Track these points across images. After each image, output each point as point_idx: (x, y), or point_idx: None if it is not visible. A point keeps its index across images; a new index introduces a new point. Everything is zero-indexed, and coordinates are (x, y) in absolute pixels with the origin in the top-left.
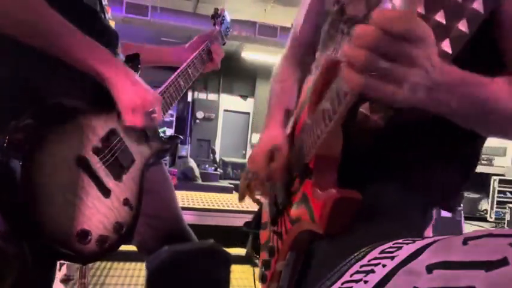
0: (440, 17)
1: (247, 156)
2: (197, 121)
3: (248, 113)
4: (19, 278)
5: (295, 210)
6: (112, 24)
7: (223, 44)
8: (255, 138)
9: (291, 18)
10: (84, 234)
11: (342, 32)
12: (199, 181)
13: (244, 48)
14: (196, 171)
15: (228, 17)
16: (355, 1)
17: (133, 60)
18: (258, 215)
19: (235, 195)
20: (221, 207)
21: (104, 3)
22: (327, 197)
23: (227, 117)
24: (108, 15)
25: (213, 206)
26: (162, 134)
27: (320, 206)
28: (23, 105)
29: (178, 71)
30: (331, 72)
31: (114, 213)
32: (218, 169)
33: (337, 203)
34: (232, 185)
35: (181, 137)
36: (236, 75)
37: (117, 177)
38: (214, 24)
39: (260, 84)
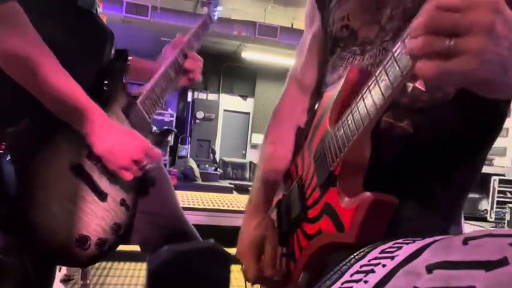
0: None
1: (247, 156)
2: (197, 121)
3: (248, 113)
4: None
5: (313, 224)
6: (103, 18)
7: (211, 23)
8: (255, 138)
9: (291, 18)
10: (84, 239)
11: (354, 53)
12: (199, 181)
13: (244, 48)
14: (196, 171)
15: None
16: (367, 25)
17: (121, 56)
18: None
19: (235, 195)
20: (221, 207)
21: None
22: (361, 200)
23: (227, 117)
24: (100, 9)
25: (213, 206)
26: (155, 128)
27: (351, 212)
28: (20, 109)
29: (169, 62)
30: (357, 80)
31: (111, 215)
32: (218, 169)
33: (372, 207)
34: (232, 185)
35: (175, 130)
36: (236, 75)
37: (113, 179)
38: (203, 6)
39: (260, 84)
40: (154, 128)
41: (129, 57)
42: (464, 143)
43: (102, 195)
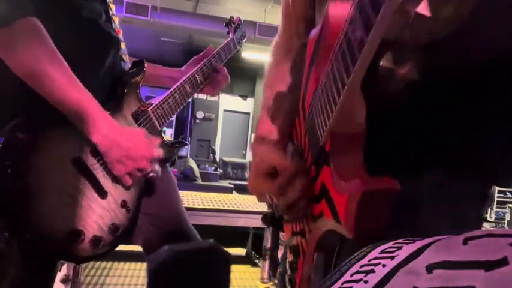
0: None
1: (247, 156)
2: (197, 121)
3: (248, 113)
4: (15, 280)
5: (316, 204)
6: (119, 32)
7: (237, 51)
8: None
9: None
10: (77, 234)
11: None
12: (199, 181)
13: (244, 48)
14: (196, 171)
15: (243, 25)
16: None
17: (138, 66)
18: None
19: (235, 195)
20: (221, 207)
21: (111, 13)
22: (351, 190)
23: (227, 117)
24: (116, 24)
25: (213, 206)
26: (165, 140)
27: (344, 203)
28: (22, 107)
29: (185, 77)
30: (338, 21)
31: (110, 215)
32: (218, 169)
33: (364, 199)
34: (232, 185)
35: (187, 143)
36: (236, 75)
37: (115, 179)
38: (228, 33)
39: (260, 84)
40: (165, 140)
41: (146, 66)
42: (497, 87)
43: (102, 193)
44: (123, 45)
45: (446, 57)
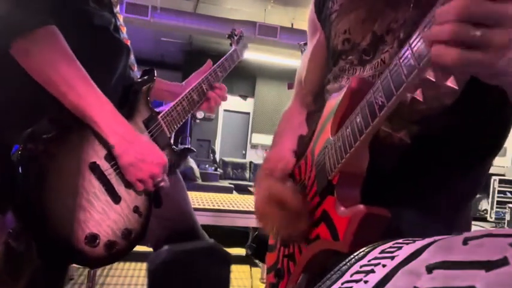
0: None
1: (247, 156)
2: (197, 121)
3: (248, 113)
4: (30, 280)
5: (312, 229)
6: (127, 42)
7: (239, 62)
8: (255, 138)
9: (291, 18)
10: (93, 237)
11: (351, 63)
12: (199, 181)
13: None
14: (196, 171)
15: (245, 36)
16: (366, 36)
17: (149, 74)
18: (259, 236)
19: (235, 195)
20: (221, 207)
21: (118, 23)
22: (354, 213)
23: (227, 117)
24: (124, 34)
25: (213, 206)
26: (174, 147)
27: (345, 223)
28: (39, 113)
29: (193, 86)
30: (358, 90)
31: (123, 220)
32: (218, 169)
33: (364, 220)
34: (232, 185)
35: (195, 150)
36: (236, 75)
37: (129, 185)
38: (231, 44)
39: (260, 84)
40: (174, 146)
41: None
42: (464, 153)
43: (116, 198)
44: (131, 55)
45: (429, 130)
